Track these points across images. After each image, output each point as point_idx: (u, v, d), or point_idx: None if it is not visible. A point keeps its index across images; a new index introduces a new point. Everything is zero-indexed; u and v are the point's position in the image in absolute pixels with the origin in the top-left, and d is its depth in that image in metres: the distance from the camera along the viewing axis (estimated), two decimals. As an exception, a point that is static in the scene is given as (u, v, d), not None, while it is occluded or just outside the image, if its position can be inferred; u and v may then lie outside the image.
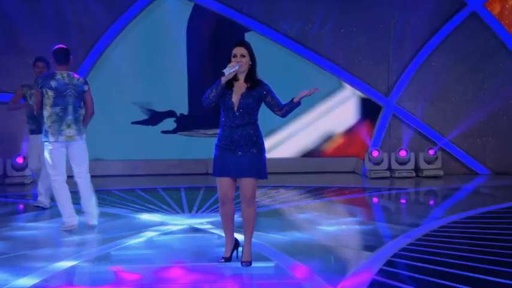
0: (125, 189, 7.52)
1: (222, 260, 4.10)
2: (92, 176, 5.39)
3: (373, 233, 5.28)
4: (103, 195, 6.98)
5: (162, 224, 5.45)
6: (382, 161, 8.88)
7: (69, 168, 5.42)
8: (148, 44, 9.02)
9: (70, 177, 5.45)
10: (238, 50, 3.97)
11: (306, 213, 6.08)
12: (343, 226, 5.49)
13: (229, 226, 4.10)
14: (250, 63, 4.00)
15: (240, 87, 4.00)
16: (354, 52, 9.15)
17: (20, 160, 8.17)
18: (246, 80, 4.01)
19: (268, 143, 9.47)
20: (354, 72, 9.16)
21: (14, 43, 8.43)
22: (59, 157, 5.23)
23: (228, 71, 3.91)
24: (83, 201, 5.43)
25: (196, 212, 6.07)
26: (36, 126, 6.11)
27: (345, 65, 9.14)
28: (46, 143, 5.24)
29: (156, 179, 8.51)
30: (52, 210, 6.03)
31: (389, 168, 8.92)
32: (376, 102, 9.23)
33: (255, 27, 9.08)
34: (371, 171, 8.80)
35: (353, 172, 9.31)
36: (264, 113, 9.53)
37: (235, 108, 3.95)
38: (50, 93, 5.18)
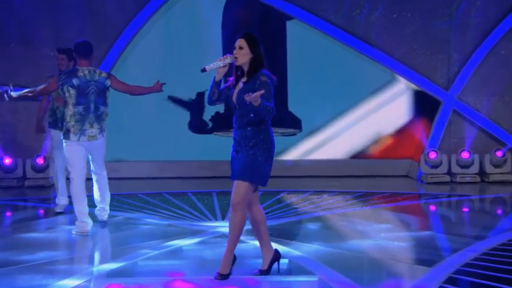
0: (152, 193, 7.62)
1: (258, 273, 4.12)
2: (116, 178, 5.54)
3: (430, 246, 5.19)
4: (128, 200, 7.10)
5: (192, 232, 5.50)
6: (441, 163, 8.70)
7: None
8: (179, 34, 9.09)
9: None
10: (238, 42, 4.01)
11: (353, 222, 6.01)
12: (396, 237, 5.39)
13: (258, 235, 4.12)
14: (251, 56, 3.98)
15: (242, 81, 4.04)
16: (409, 40, 8.99)
17: (40, 161, 8.38)
18: (247, 75, 4.02)
19: (310, 143, 9.53)
20: (408, 63, 9.00)
21: (41, 34, 8.67)
22: (78, 155, 5.45)
23: (215, 66, 3.97)
24: (99, 199, 5.74)
25: (230, 219, 6.09)
26: (53, 120, 6.26)
27: (399, 55, 8.99)
28: (65, 141, 5.45)
29: (186, 182, 8.60)
30: (71, 215, 6.14)
31: (450, 172, 8.72)
32: (435, 96, 9.05)
33: (297, 14, 9.05)
34: (428, 176, 8.64)
35: (406, 176, 9.16)
36: (305, 111, 9.48)
37: (236, 108, 4.02)
38: (72, 91, 5.40)
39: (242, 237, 5.22)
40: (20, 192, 8.05)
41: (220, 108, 9.02)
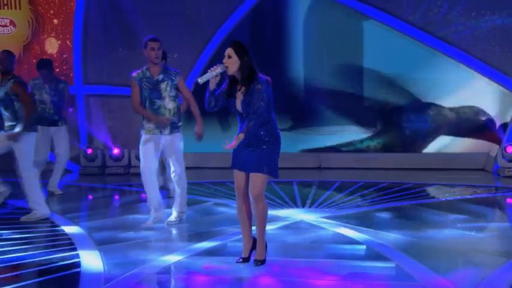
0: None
1: (240, 260, 4.04)
2: (205, 168, 5.51)
3: (509, 237, 4.86)
4: (217, 187, 7.23)
5: (275, 217, 5.47)
6: (518, 158, 8.15)
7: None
8: (263, 37, 9.08)
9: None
10: (226, 51, 3.89)
11: (430, 213, 5.74)
12: (473, 228, 5.10)
13: (244, 223, 4.04)
14: (239, 63, 3.85)
15: (240, 92, 3.92)
16: (488, 38, 8.47)
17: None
18: (242, 83, 3.89)
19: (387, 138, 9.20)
20: (487, 61, 8.48)
21: (133, 39, 8.96)
22: (146, 148, 5.24)
23: (207, 77, 3.84)
24: (175, 200, 5.51)
25: (310, 206, 6.03)
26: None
27: (477, 53, 8.49)
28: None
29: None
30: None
31: (527, 167, 8.14)
32: (513, 92, 8.48)
33: (374, 14, 8.76)
34: (505, 169, 8.11)
35: (483, 170, 8.65)
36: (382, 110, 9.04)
37: (242, 115, 3.93)
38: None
39: (322, 224, 5.16)
40: (125, 179, 8.40)
41: (300, 108, 8.93)
